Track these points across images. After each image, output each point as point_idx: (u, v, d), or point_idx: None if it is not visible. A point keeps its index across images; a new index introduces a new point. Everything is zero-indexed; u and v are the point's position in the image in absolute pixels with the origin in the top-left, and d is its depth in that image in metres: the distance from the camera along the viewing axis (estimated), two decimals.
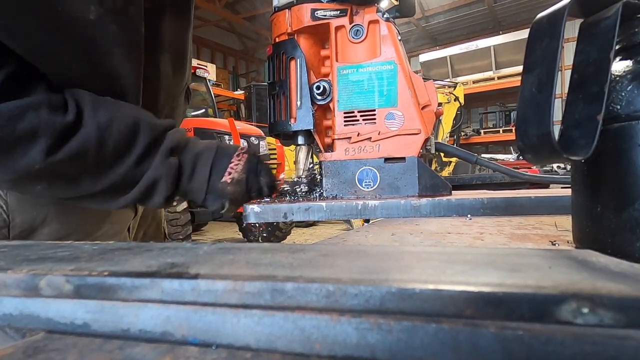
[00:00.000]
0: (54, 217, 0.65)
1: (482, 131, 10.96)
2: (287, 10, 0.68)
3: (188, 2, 0.81)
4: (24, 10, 0.49)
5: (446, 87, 7.95)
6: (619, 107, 0.33)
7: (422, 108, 0.66)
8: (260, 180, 0.65)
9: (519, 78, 0.34)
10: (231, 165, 0.62)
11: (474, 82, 10.47)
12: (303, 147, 0.71)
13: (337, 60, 0.67)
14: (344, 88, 0.67)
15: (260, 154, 4.91)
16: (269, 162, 5.12)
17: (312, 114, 0.67)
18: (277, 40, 0.71)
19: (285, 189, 0.69)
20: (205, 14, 10.79)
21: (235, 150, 0.65)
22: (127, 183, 0.58)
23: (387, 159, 0.65)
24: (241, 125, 5.03)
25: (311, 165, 0.72)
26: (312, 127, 0.67)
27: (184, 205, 4.05)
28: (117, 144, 0.56)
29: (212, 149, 0.64)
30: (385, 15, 0.67)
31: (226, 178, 0.61)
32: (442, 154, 3.45)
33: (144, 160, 0.58)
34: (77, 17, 0.52)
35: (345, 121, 0.67)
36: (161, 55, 0.74)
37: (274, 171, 5.22)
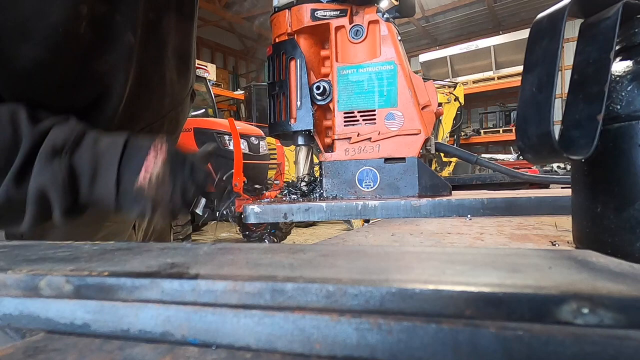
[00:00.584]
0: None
1: (482, 131, 10.95)
2: (287, 10, 0.68)
3: (192, 8, 0.81)
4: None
5: (446, 87, 7.94)
6: (619, 107, 0.33)
7: (422, 108, 0.66)
8: (196, 177, 0.55)
9: (519, 78, 0.34)
10: (146, 162, 0.52)
11: (474, 82, 10.47)
12: (303, 147, 0.71)
13: (337, 61, 0.67)
14: (344, 88, 0.67)
15: (261, 153, 4.91)
16: (268, 162, 5.13)
17: (312, 114, 0.67)
18: (277, 40, 0.71)
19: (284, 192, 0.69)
20: (205, 14, 10.79)
21: (150, 145, 0.54)
22: (17, 202, 0.50)
23: (387, 159, 0.65)
24: (241, 125, 5.03)
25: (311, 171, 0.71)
26: (312, 128, 0.67)
27: None
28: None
29: (118, 145, 0.53)
30: (385, 16, 0.67)
31: (142, 177, 0.51)
32: (442, 154, 3.45)
33: (22, 179, 0.50)
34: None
35: (345, 121, 0.67)
36: (166, 64, 0.73)
37: (273, 172, 5.23)
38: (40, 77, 0.53)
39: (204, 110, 6.17)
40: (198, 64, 6.64)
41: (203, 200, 0.57)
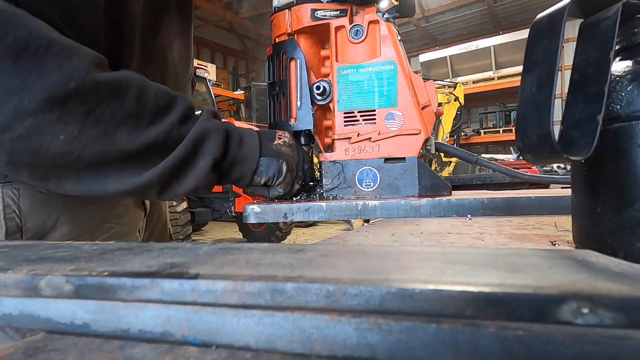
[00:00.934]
0: (64, 221, 0.62)
1: (482, 131, 10.95)
2: (287, 10, 0.68)
3: (190, 2, 0.81)
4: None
5: (446, 87, 7.95)
6: (619, 107, 0.33)
7: (422, 108, 0.66)
8: (305, 164, 0.65)
9: (519, 78, 0.34)
10: (278, 134, 0.63)
11: (474, 82, 10.47)
12: (303, 147, 0.71)
13: (337, 61, 0.67)
14: (344, 88, 0.67)
15: None
16: None
17: (312, 114, 0.67)
18: (277, 40, 0.71)
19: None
20: (205, 14, 10.80)
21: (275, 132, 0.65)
22: (169, 143, 0.52)
23: (387, 159, 0.65)
24: (241, 126, 5.03)
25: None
26: (312, 127, 0.67)
27: (184, 205, 4.05)
28: (158, 100, 0.52)
29: (252, 127, 0.64)
30: (385, 15, 0.67)
31: (278, 141, 0.61)
32: (442, 154, 3.45)
33: (186, 121, 0.54)
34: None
35: (345, 121, 0.67)
36: (168, 40, 0.73)
37: None
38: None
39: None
40: (198, 64, 6.65)
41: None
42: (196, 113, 0.58)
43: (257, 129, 0.66)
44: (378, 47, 0.66)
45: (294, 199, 0.66)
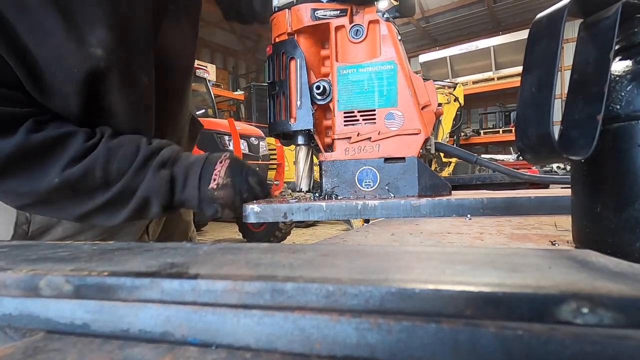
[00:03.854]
0: (66, 221, 0.72)
1: (482, 131, 10.95)
2: (287, 10, 0.68)
3: (197, 9, 0.88)
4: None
5: (446, 87, 7.94)
6: (618, 107, 0.33)
7: (422, 108, 0.66)
8: (249, 180, 0.69)
9: (519, 78, 0.34)
10: (215, 172, 0.67)
11: (473, 83, 10.47)
12: (303, 147, 0.71)
13: (337, 60, 0.67)
14: (344, 88, 0.67)
15: (261, 154, 4.91)
16: (268, 162, 5.12)
17: (312, 114, 0.67)
18: (277, 40, 0.71)
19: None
20: (205, 14, 10.79)
21: (219, 158, 0.70)
22: (126, 196, 0.65)
23: (387, 159, 0.65)
24: (241, 126, 5.03)
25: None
26: (312, 127, 0.67)
27: None
28: (120, 163, 0.64)
29: (201, 160, 0.69)
30: (385, 15, 0.67)
31: (212, 184, 0.67)
32: (442, 154, 3.45)
33: (139, 174, 0.65)
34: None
35: (345, 121, 0.67)
36: (169, 46, 0.80)
37: (273, 172, 5.22)
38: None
39: (203, 110, 6.17)
40: (198, 64, 6.64)
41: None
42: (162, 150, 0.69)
43: (259, 130, 0.68)
44: (378, 47, 0.66)
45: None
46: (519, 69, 0.36)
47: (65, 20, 0.59)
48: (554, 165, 5.42)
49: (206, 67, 7.02)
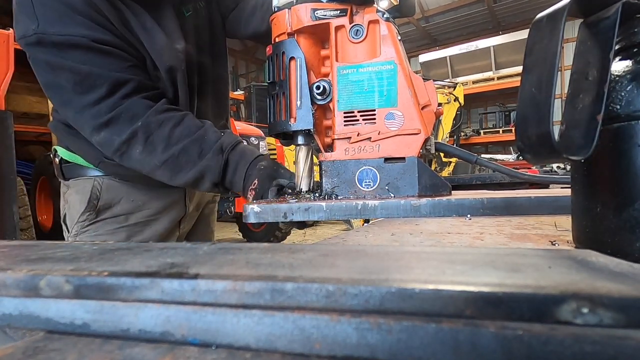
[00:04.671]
0: (125, 199, 1.00)
1: (482, 131, 10.95)
2: (287, 10, 0.68)
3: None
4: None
5: (446, 87, 7.94)
6: (618, 107, 0.33)
7: (422, 108, 0.66)
8: (279, 182, 0.81)
9: (519, 78, 0.34)
10: (251, 187, 0.82)
11: (473, 83, 10.47)
12: (303, 147, 0.71)
13: (337, 60, 0.67)
14: (344, 88, 0.67)
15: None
16: None
17: (312, 114, 0.67)
18: (277, 40, 0.71)
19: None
20: None
21: (261, 162, 0.85)
22: (190, 164, 0.83)
23: (387, 159, 0.65)
24: (241, 126, 5.02)
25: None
26: (312, 127, 0.67)
27: None
28: (194, 140, 0.84)
29: (250, 155, 0.85)
30: (385, 15, 0.67)
31: (249, 193, 0.82)
32: (442, 154, 3.45)
33: (204, 154, 0.83)
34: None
35: (345, 121, 0.67)
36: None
37: None
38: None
39: None
40: None
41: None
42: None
43: (259, 130, 0.71)
44: (378, 47, 0.66)
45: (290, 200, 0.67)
46: (519, 69, 0.36)
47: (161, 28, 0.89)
48: (554, 165, 5.42)
49: None
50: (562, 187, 0.81)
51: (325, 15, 0.67)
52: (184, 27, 0.96)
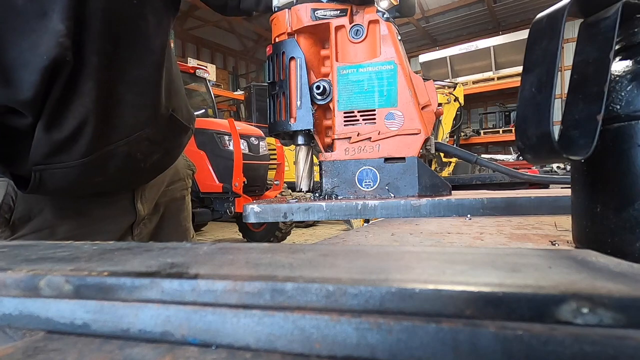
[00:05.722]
0: (49, 208, 0.77)
1: (482, 131, 10.95)
2: (287, 10, 0.68)
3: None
4: None
5: (446, 87, 7.94)
6: (618, 107, 0.33)
7: (422, 108, 0.66)
8: None
9: (519, 78, 0.34)
10: None
11: (473, 83, 10.46)
12: (303, 147, 0.71)
13: (337, 60, 0.67)
14: (344, 88, 0.67)
15: (261, 154, 4.91)
16: (268, 162, 5.13)
17: (312, 114, 0.67)
18: (277, 40, 0.71)
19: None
20: (205, 14, 10.79)
21: None
22: None
23: (387, 159, 0.65)
24: (241, 126, 5.02)
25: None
26: (312, 127, 0.67)
27: None
28: None
29: None
30: (385, 15, 0.67)
31: None
32: (442, 154, 3.45)
33: None
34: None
35: (345, 121, 0.67)
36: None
37: (273, 172, 5.22)
38: None
39: (203, 110, 6.17)
40: (198, 64, 6.63)
41: None
42: None
43: (259, 130, 0.66)
44: (378, 47, 0.66)
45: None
46: (519, 69, 0.37)
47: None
48: (554, 165, 5.42)
49: (206, 67, 7.02)
50: (562, 187, 0.81)
51: (325, 15, 0.67)
52: None
